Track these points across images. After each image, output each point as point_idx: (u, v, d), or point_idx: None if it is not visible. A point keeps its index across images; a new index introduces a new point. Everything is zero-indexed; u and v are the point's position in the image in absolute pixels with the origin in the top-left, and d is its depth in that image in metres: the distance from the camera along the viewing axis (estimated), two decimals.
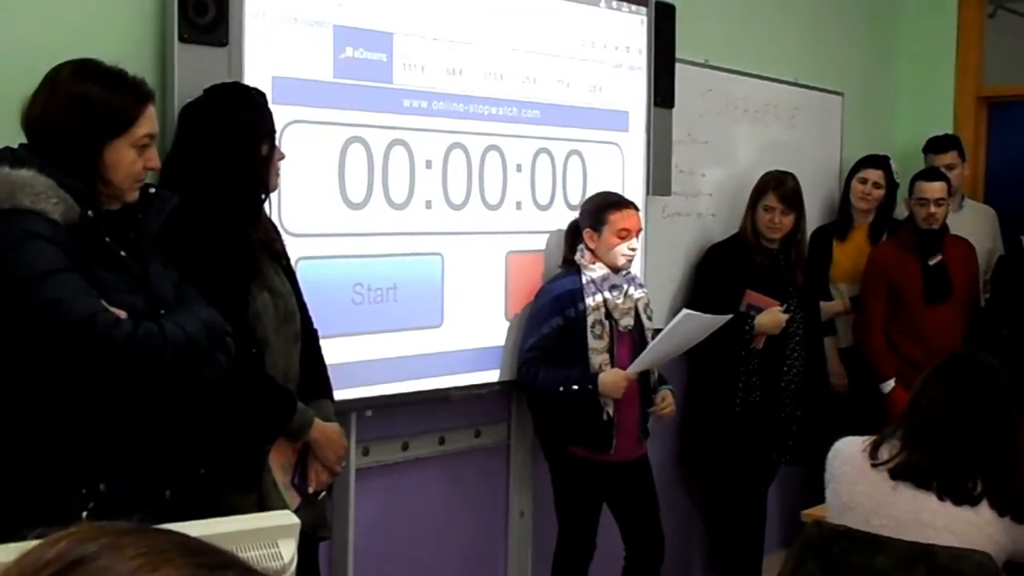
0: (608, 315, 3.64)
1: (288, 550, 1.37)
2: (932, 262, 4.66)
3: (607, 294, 3.63)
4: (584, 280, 3.64)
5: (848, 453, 2.62)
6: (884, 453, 2.56)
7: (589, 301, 3.61)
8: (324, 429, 2.75)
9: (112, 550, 0.71)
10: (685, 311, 3.58)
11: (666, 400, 3.76)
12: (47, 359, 2.11)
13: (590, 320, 3.60)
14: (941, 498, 2.48)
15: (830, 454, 2.68)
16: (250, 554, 1.33)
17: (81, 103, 2.22)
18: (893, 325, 4.70)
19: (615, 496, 3.81)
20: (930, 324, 4.61)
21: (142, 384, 2.20)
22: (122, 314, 2.14)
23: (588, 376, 3.56)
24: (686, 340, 3.68)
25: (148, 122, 2.29)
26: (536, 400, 3.75)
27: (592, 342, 3.60)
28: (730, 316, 3.81)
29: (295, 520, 1.44)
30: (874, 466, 2.56)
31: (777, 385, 4.33)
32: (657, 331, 3.79)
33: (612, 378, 3.56)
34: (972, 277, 4.80)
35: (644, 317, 3.76)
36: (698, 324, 3.62)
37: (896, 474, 2.53)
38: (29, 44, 2.56)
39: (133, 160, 2.27)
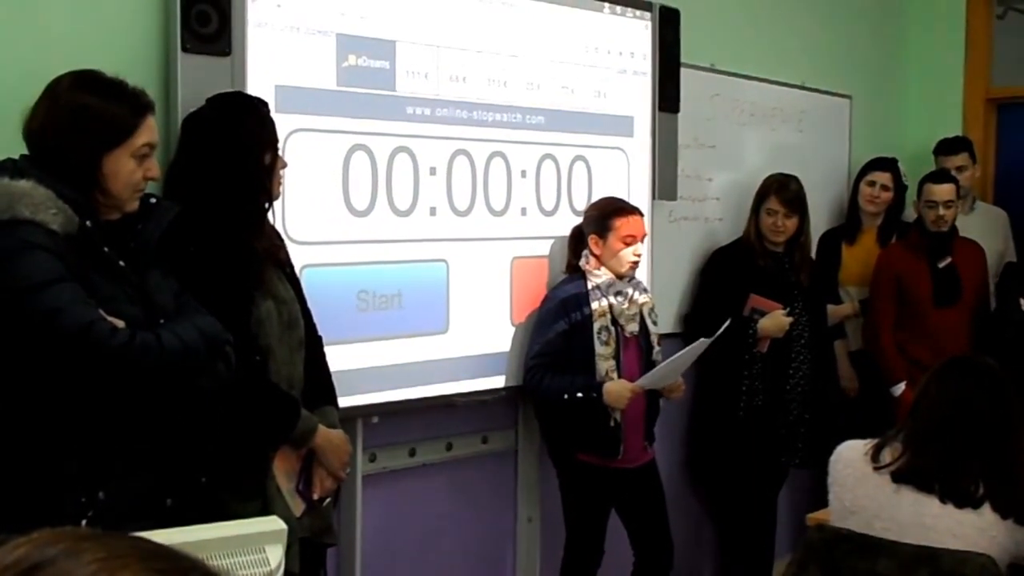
0: (614, 321, 3.64)
1: (275, 556, 1.37)
2: (941, 265, 4.65)
3: (612, 299, 3.64)
4: (589, 285, 3.64)
5: (850, 456, 2.62)
6: (886, 456, 2.56)
7: (594, 306, 3.61)
8: (328, 436, 2.75)
9: (70, 555, 0.72)
10: (702, 340, 3.57)
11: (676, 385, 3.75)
12: (45, 368, 2.13)
13: (596, 326, 3.60)
14: (943, 501, 2.48)
15: (832, 457, 2.67)
16: (237, 560, 1.33)
17: (79, 114, 2.24)
18: (902, 328, 4.69)
19: (623, 502, 3.81)
20: (939, 327, 4.60)
21: (139, 393, 2.21)
22: (119, 323, 2.16)
23: (593, 384, 3.56)
24: (691, 361, 3.70)
25: (147, 132, 2.30)
26: (542, 406, 3.75)
27: (599, 348, 3.60)
28: (728, 322, 3.77)
29: (282, 526, 1.45)
30: (876, 469, 2.56)
31: (782, 388, 4.33)
32: (663, 336, 3.81)
33: (617, 388, 3.56)
34: (981, 279, 4.78)
35: (649, 322, 3.76)
36: (702, 346, 3.61)
37: (898, 477, 2.52)
38: (31, 55, 2.58)
39: (132, 170, 2.28)
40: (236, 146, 2.64)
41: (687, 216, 4.52)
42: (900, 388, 4.63)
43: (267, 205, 2.72)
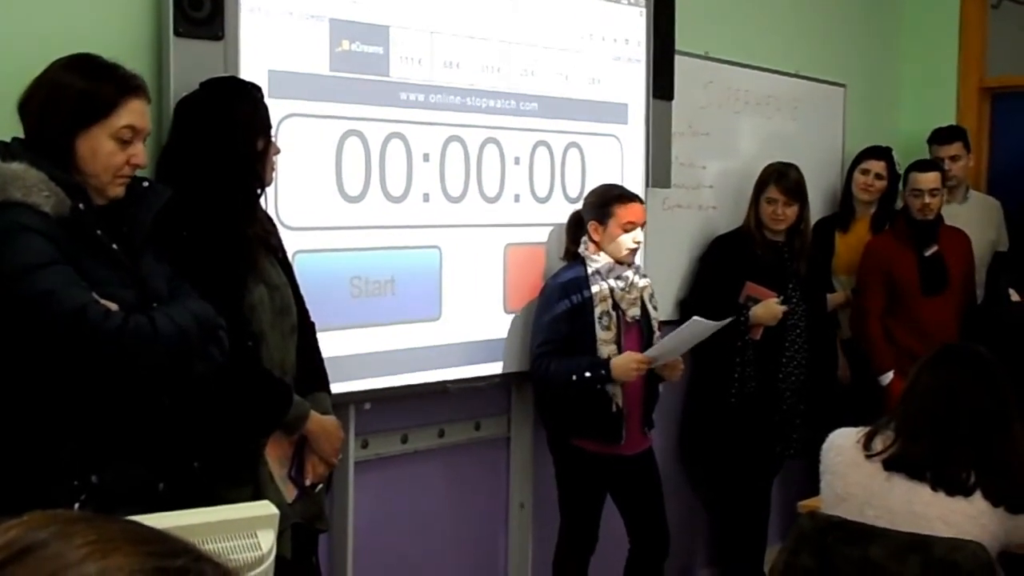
0: (615, 306, 3.64)
1: (267, 540, 1.37)
2: (928, 253, 4.66)
3: (612, 282, 3.63)
4: (588, 270, 3.64)
5: (842, 444, 2.63)
6: (878, 444, 2.57)
7: (594, 289, 3.61)
8: (320, 422, 2.75)
9: (62, 538, 0.71)
10: (694, 318, 3.58)
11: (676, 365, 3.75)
12: (38, 351, 2.12)
13: (597, 311, 3.60)
14: (935, 489, 2.49)
15: (824, 445, 2.68)
16: (228, 544, 1.33)
17: (58, 92, 2.23)
18: (890, 317, 4.70)
19: (620, 490, 3.81)
20: (927, 315, 4.61)
21: (133, 377, 2.20)
22: (113, 306, 2.15)
23: (599, 362, 3.56)
24: (693, 340, 3.70)
25: (130, 114, 2.27)
26: (548, 394, 3.74)
27: (600, 333, 3.60)
28: (732, 319, 3.84)
29: (274, 511, 1.45)
30: (868, 457, 2.57)
31: (775, 377, 4.33)
32: (663, 322, 3.81)
33: (623, 361, 3.55)
34: (968, 268, 4.80)
35: (650, 307, 3.76)
36: (704, 328, 3.62)
37: (889, 465, 2.53)
38: (24, 40, 2.57)
39: (111, 152, 2.25)
40: (228, 131, 2.63)
41: (681, 204, 4.52)
42: (888, 377, 4.64)
43: (259, 191, 2.71)
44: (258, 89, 2.75)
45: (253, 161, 2.65)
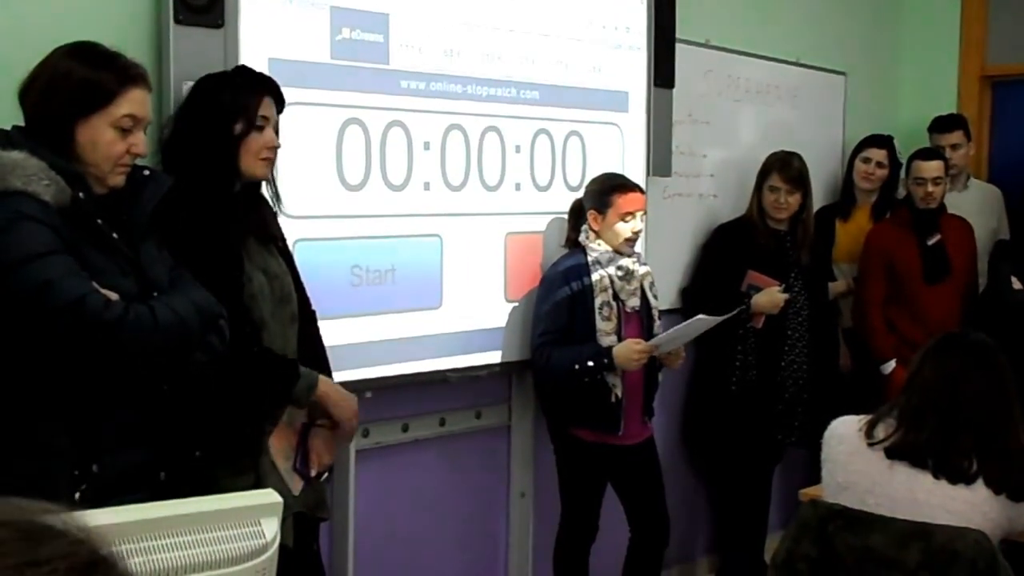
0: (615, 296, 3.64)
1: (271, 528, 1.37)
2: (930, 242, 4.65)
3: (611, 270, 3.63)
4: (589, 258, 3.63)
5: (844, 432, 2.62)
6: (880, 432, 2.56)
7: (595, 277, 3.61)
8: (332, 384, 2.74)
9: None
10: (699, 316, 3.58)
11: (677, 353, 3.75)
12: (38, 341, 2.11)
13: (597, 301, 3.60)
14: (936, 477, 2.48)
15: (826, 433, 2.68)
16: (231, 532, 1.33)
17: (58, 79, 2.22)
18: (892, 306, 4.69)
19: (621, 479, 3.81)
20: (929, 304, 4.61)
21: (133, 366, 2.20)
22: (113, 296, 2.14)
23: (601, 350, 3.56)
24: (697, 333, 3.71)
25: (130, 103, 2.25)
26: (548, 383, 3.74)
27: (600, 323, 3.60)
28: (737, 310, 3.85)
29: (278, 499, 1.44)
30: (870, 445, 2.56)
31: (777, 365, 4.34)
32: (664, 311, 3.81)
33: (625, 349, 3.55)
34: (970, 256, 4.79)
35: (650, 295, 3.76)
36: (709, 324, 3.62)
37: (892, 453, 2.53)
38: (25, 27, 2.56)
39: (112, 140, 2.24)
40: (208, 116, 2.60)
41: (681, 192, 4.52)
42: (890, 366, 4.64)
43: (237, 178, 2.63)
44: (259, 81, 2.71)
45: (229, 145, 2.60)
